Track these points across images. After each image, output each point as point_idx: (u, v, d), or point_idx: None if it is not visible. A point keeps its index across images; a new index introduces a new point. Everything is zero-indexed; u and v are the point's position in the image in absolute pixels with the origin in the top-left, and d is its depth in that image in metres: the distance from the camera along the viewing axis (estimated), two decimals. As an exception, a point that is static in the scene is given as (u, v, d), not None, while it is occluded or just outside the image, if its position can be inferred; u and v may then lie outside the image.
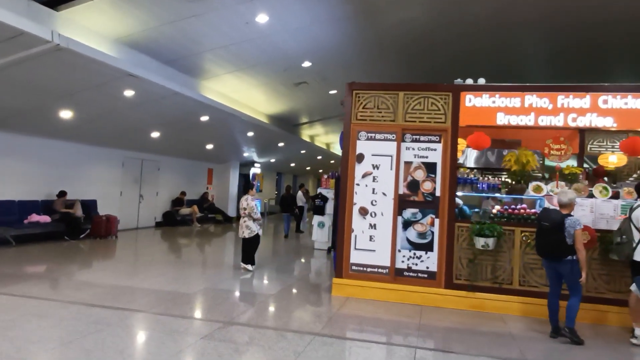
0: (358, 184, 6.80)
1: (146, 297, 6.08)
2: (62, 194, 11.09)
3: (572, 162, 7.00)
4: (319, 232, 11.77)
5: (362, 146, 6.82)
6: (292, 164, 25.73)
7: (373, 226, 6.70)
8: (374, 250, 6.68)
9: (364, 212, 6.74)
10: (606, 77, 12.08)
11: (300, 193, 17.33)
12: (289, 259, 10.52)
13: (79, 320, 4.90)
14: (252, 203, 8.28)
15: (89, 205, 11.94)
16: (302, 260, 10.47)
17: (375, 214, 6.70)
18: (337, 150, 27.19)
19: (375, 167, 6.75)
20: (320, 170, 32.41)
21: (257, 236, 8.30)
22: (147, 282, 6.96)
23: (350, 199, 6.81)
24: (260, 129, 15.33)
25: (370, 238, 6.70)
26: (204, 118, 12.41)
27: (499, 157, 8.34)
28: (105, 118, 10.61)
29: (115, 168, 13.49)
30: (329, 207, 11.71)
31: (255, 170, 21.56)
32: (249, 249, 8.35)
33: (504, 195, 6.97)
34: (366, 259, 6.69)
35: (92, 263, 8.70)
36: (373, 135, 6.79)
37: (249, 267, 8.27)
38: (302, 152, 21.94)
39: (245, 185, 8.46)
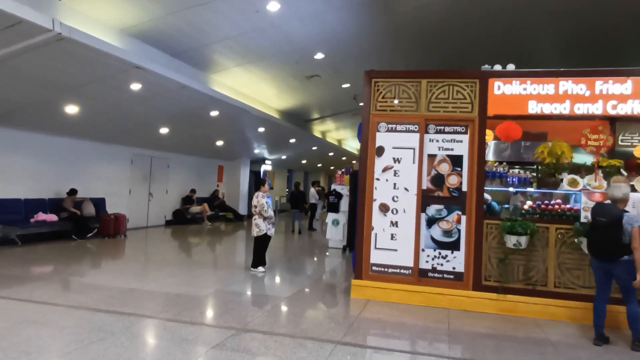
0: (378, 179, 6.36)
1: (154, 301, 5.71)
2: (72, 192, 10.79)
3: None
4: (333, 230, 11.34)
5: (382, 138, 6.37)
6: (304, 161, 25.31)
7: (394, 224, 6.26)
8: (396, 250, 6.24)
9: (384, 208, 6.31)
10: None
11: (313, 190, 16.94)
12: (303, 258, 10.12)
13: (81, 328, 4.54)
14: (262, 200, 7.87)
15: (97, 204, 11.63)
16: (317, 259, 10.06)
17: (396, 211, 6.26)
18: (348, 146, 26.73)
19: (397, 160, 6.31)
20: (332, 167, 31.99)
21: (265, 236, 7.88)
22: (156, 284, 6.59)
23: (369, 195, 6.38)
24: (271, 124, 14.93)
25: (392, 236, 6.26)
26: (214, 113, 12.03)
27: (524, 150, 7.84)
28: (112, 113, 10.28)
29: (123, 165, 13.19)
30: (344, 204, 11.29)
31: (266, 167, 21.20)
32: (257, 250, 7.96)
33: (534, 190, 6.49)
34: (387, 259, 6.26)
35: (99, 264, 8.37)
36: (394, 126, 6.35)
37: (260, 269, 7.87)
38: (314, 148, 21.51)
39: (257, 182, 8.04)
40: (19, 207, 9.90)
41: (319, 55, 11.53)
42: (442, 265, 6.12)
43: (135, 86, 9.02)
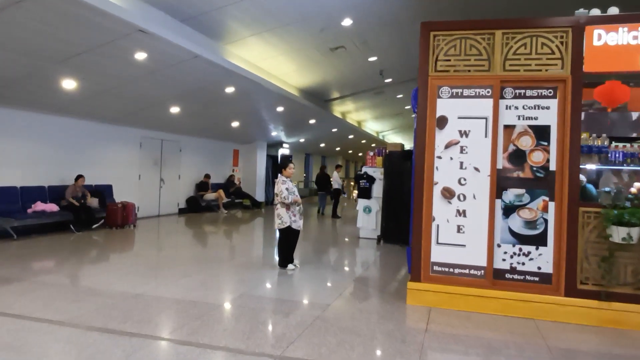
0: (440, 157, 5.09)
1: (164, 312, 4.56)
2: (78, 178, 9.72)
3: None
4: (365, 218, 10.13)
5: (445, 106, 5.09)
6: (322, 144, 24.05)
7: (462, 213, 5.00)
8: (464, 245, 4.99)
9: (448, 194, 5.05)
10: None
11: (336, 174, 15.72)
12: (334, 251, 8.93)
13: (65, 356, 3.39)
14: (281, 186, 6.65)
15: (103, 191, 10.54)
16: (349, 252, 8.86)
17: (464, 197, 5.00)
18: (368, 128, 25.38)
19: (464, 133, 5.02)
20: (350, 151, 30.70)
21: (290, 230, 6.63)
22: (167, 288, 5.44)
23: (429, 178, 5.12)
24: (291, 103, 13.66)
25: (459, 229, 5.02)
26: (229, 89, 10.80)
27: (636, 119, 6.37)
28: (115, 89, 9.09)
29: (132, 149, 12.07)
30: (376, 189, 10.05)
31: (284, 150, 20.00)
32: (281, 246, 6.77)
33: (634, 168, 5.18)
34: (453, 256, 5.02)
35: (101, 260, 7.26)
36: (459, 91, 5.05)
37: (290, 267, 6.69)
38: (334, 130, 20.21)
39: (278, 164, 6.79)
40: (14, 195, 8.84)
41: (347, 22, 10.18)
42: (523, 264, 4.86)
43: (140, 55, 7.81)
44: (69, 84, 8.21)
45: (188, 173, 14.48)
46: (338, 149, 27.95)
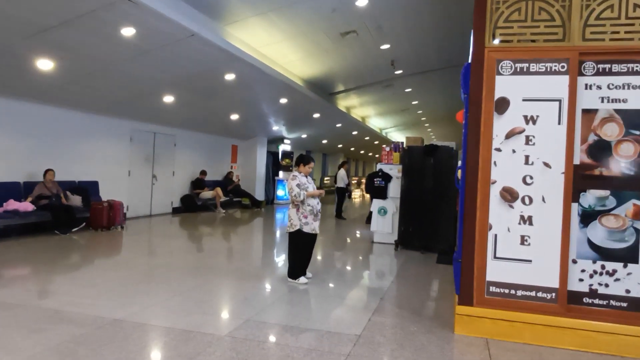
0: (499, 150, 4.04)
1: (147, 348, 3.50)
2: (46, 172, 8.54)
3: None
4: (380, 221, 9.08)
5: (506, 86, 4.04)
6: (324, 141, 22.97)
7: (527, 220, 3.97)
8: (530, 261, 3.95)
9: (510, 196, 4.01)
10: None
11: (342, 172, 14.68)
12: (346, 259, 7.88)
13: None
14: (291, 183, 5.60)
15: (88, 189, 9.44)
16: (366, 261, 7.82)
17: (530, 200, 3.96)
18: (373, 124, 24.33)
19: (530, 120, 3.98)
20: (352, 149, 29.65)
21: (300, 233, 5.56)
22: (155, 310, 4.38)
23: (484, 176, 4.07)
24: (295, 94, 12.59)
25: (523, 240, 3.98)
26: (229, 76, 9.72)
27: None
28: (100, 73, 7.99)
29: (121, 143, 10.96)
30: (393, 189, 9.01)
31: (285, 147, 18.90)
32: (292, 253, 5.72)
33: None
34: (515, 274, 3.98)
35: (77, 272, 6.16)
36: (525, 66, 4.00)
37: (302, 280, 5.65)
38: (338, 125, 19.13)
39: (297, 160, 5.69)
40: (-17, 193, 7.74)
41: (361, 2, 9.12)
42: (606, 286, 3.83)
43: (128, 31, 6.71)
44: (44, 65, 7.11)
45: (183, 169, 13.39)
46: (340, 146, 26.90)
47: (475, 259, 4.07)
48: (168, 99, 10.18)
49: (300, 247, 5.66)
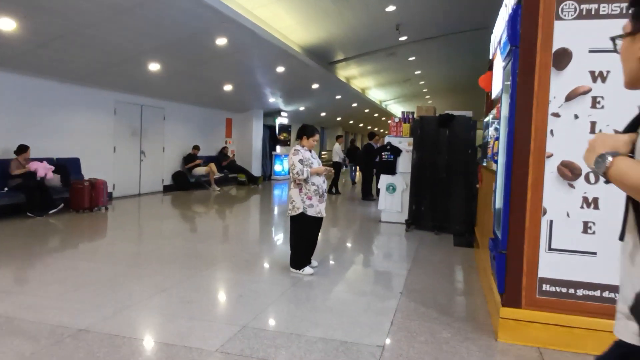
0: (557, 115, 3.22)
1: (118, 372, 2.74)
2: (21, 149, 7.68)
3: None
4: (389, 198, 8.31)
5: (568, 33, 3.19)
6: (323, 114, 22.01)
7: (591, 203, 3.17)
8: (594, 254, 3.18)
9: (570, 173, 3.20)
10: None
11: (337, 146, 13.87)
12: (354, 242, 7.13)
13: None
14: (293, 158, 4.79)
15: (67, 167, 8.58)
16: (375, 244, 7.07)
17: (596, 178, 3.16)
18: (372, 96, 23.34)
19: (599, 77, 3.15)
20: (351, 122, 28.71)
21: (304, 217, 4.78)
22: (131, 314, 3.62)
23: (538, 148, 3.26)
24: (293, 62, 11.64)
25: (586, 227, 3.19)
26: (221, 41, 8.76)
27: None
28: (73, 35, 7.04)
29: (104, 116, 10.05)
30: (403, 164, 8.22)
31: (282, 120, 17.98)
32: (294, 241, 4.94)
33: None
34: (576, 270, 3.21)
35: (44, 264, 5.34)
36: (594, 7, 3.14)
37: (307, 270, 4.89)
38: (337, 97, 18.17)
39: (299, 131, 4.81)
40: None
41: (367, -45, 8.13)
42: (691, 284, 3.07)
43: (100, -17, 5.77)
44: (5, 25, 6.17)
45: (174, 145, 12.51)
46: (339, 119, 25.96)
47: (525, 251, 3.29)
48: (154, 67, 9.23)
49: (304, 233, 4.89)
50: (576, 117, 3.18)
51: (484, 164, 6.14)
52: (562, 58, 3.19)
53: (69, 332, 3.20)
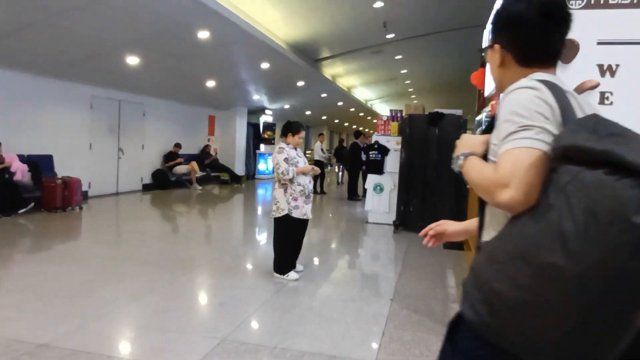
0: (563, 111, 3.00)
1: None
2: (-11, 146, 7.27)
3: None
4: (376, 199, 8.08)
5: (575, 24, 2.97)
6: (308, 112, 21.72)
7: None
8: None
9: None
10: None
11: (318, 144, 13.61)
12: (340, 243, 6.88)
13: None
14: (277, 157, 4.51)
15: (41, 164, 8.15)
16: (362, 246, 6.84)
17: None
18: (358, 94, 23.15)
19: (608, 70, 2.93)
20: (336, 120, 28.48)
21: (289, 219, 4.50)
22: (96, 328, 3.29)
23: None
24: (279, 59, 11.34)
25: None
26: (203, 34, 8.42)
27: None
28: (43, 23, 6.64)
29: (79, 111, 9.61)
30: (391, 163, 8.00)
31: (267, 118, 17.66)
32: (278, 244, 4.67)
33: None
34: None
35: (5, 268, 4.99)
36: (602, -5, 2.93)
37: (292, 275, 4.61)
38: (323, 95, 17.90)
39: (284, 128, 4.51)
40: None
41: (355, -53, 7.88)
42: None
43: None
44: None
45: (154, 142, 12.09)
46: (324, 117, 25.72)
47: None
48: (132, 60, 8.84)
49: (289, 236, 4.61)
50: (583, 113, 2.96)
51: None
52: (569, 50, 2.97)
53: (27, 348, 2.88)
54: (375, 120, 8.76)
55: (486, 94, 5.82)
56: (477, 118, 6.57)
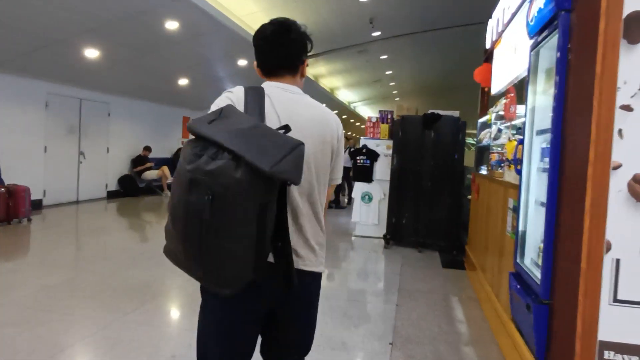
0: (629, 109, 2.24)
1: None
2: None
3: None
4: (364, 209, 7.31)
5: (646, -10, 2.22)
6: (289, 114, 20.84)
7: (677, 235, 2.21)
8: (680, 308, 2.22)
9: (648, 192, 2.24)
10: None
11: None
12: (328, 264, 6.04)
13: None
14: None
15: (-18, 169, 7.15)
16: (351, 265, 6.04)
17: (684, 199, 2.21)
18: (342, 96, 22.43)
19: (690, 53, 2.19)
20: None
21: None
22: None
23: (601, 155, 2.26)
24: (257, 54, 10.45)
25: (669, 271, 2.23)
26: (172, 24, 7.55)
27: None
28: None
29: (32, 110, 8.59)
30: (380, 170, 7.24)
31: (245, 120, 16.73)
32: None
33: None
34: (655, 332, 2.25)
35: None
36: (683, -47, 2.19)
37: None
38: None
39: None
40: None
41: None
42: None
43: None
44: None
45: (121, 145, 11.10)
46: (306, 120, 24.85)
47: (580, 302, 2.30)
48: (91, 53, 7.90)
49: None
50: (656, 111, 2.22)
51: (483, 172, 5.19)
52: (637, 27, 2.22)
53: None
54: (358, 124, 8.16)
55: (493, 92, 5.10)
56: (481, 120, 5.85)
